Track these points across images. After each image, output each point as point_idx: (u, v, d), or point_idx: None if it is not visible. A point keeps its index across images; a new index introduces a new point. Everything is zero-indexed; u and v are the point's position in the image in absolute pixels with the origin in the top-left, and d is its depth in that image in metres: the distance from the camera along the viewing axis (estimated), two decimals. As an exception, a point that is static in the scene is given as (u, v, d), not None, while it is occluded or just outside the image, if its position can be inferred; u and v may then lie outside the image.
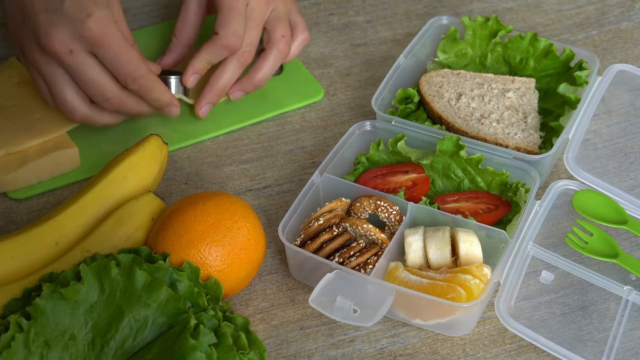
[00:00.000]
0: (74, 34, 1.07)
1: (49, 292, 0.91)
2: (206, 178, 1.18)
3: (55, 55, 1.07)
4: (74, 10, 1.06)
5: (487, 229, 1.04)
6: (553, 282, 1.05)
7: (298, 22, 1.25)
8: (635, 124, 1.21)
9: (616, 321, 0.98)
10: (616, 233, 1.08)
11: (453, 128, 1.17)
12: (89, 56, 1.08)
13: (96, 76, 1.09)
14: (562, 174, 1.17)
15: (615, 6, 1.39)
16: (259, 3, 1.18)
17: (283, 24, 1.22)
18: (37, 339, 0.89)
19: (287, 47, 1.22)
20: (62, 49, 1.07)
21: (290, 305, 1.05)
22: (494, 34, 1.26)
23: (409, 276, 1.01)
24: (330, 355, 1.01)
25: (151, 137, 1.10)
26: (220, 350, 0.90)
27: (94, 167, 1.17)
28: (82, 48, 1.07)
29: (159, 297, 0.91)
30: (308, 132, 1.23)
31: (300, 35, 1.25)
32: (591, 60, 1.22)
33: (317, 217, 1.06)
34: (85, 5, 1.07)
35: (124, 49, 1.09)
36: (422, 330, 1.02)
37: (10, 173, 1.13)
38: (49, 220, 1.04)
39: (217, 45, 1.16)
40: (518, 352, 1.00)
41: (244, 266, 1.01)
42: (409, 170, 1.12)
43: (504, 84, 1.21)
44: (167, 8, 1.40)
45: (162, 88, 1.14)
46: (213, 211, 1.01)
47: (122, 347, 0.91)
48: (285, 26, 1.22)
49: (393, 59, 1.31)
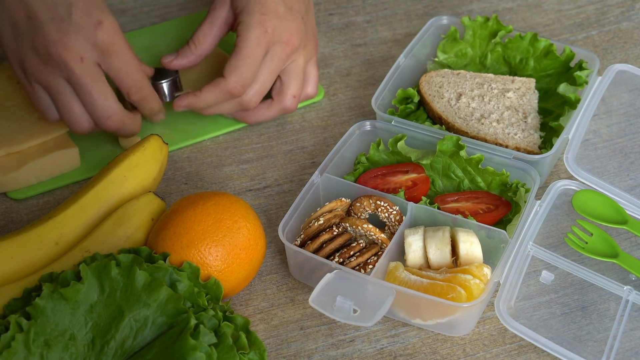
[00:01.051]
0: (86, 42, 1.06)
1: (49, 292, 0.91)
2: (206, 178, 1.18)
3: (65, 63, 1.06)
4: (83, 19, 1.06)
5: (487, 229, 1.04)
6: (553, 282, 1.05)
7: (311, 77, 1.21)
8: (635, 124, 1.21)
9: (616, 321, 0.98)
10: (616, 233, 1.08)
11: (453, 128, 1.17)
12: (97, 67, 1.08)
13: (104, 88, 1.09)
14: (562, 174, 1.17)
15: (615, 6, 1.39)
16: (281, 54, 1.14)
17: (297, 80, 1.18)
18: (37, 339, 0.89)
19: (294, 106, 1.19)
20: (73, 57, 1.06)
21: (290, 305, 1.05)
22: (494, 34, 1.26)
23: (409, 276, 1.01)
24: (330, 355, 1.01)
25: (151, 137, 1.10)
26: (220, 350, 0.90)
27: (94, 167, 1.17)
28: (92, 57, 1.07)
29: (159, 297, 0.91)
30: (308, 132, 1.23)
31: (307, 92, 1.21)
32: (591, 60, 1.22)
33: (317, 217, 1.06)
34: (95, 14, 1.06)
35: (131, 59, 1.09)
36: (422, 330, 1.02)
37: (10, 173, 1.13)
38: (49, 220, 1.04)
39: (221, 89, 1.13)
40: (518, 352, 1.00)
41: (244, 266, 1.01)
42: (409, 170, 1.12)
43: (504, 84, 1.21)
44: (167, 8, 1.40)
45: (156, 98, 1.14)
46: (213, 211, 1.01)
47: (122, 347, 0.91)
48: (299, 83, 1.18)
49: (393, 59, 1.31)
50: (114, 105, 1.10)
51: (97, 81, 1.08)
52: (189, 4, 1.40)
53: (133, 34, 1.34)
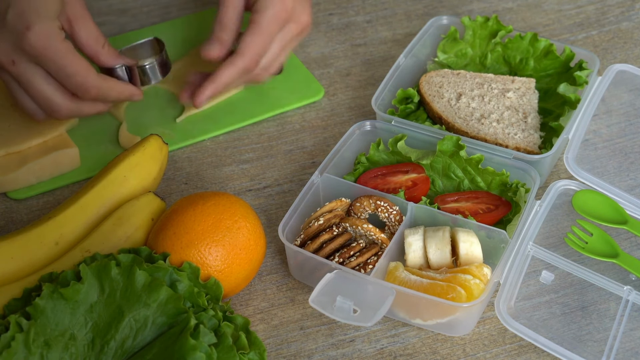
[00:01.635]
0: (15, 46, 1.03)
1: (49, 292, 0.91)
2: (206, 178, 1.18)
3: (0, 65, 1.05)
4: (15, 21, 1.02)
5: (487, 229, 1.04)
6: (553, 282, 1.05)
7: None
8: (635, 124, 1.21)
9: (616, 321, 0.98)
10: (616, 233, 1.08)
11: (453, 128, 1.17)
12: (34, 67, 1.05)
13: (41, 87, 1.06)
14: (562, 174, 1.17)
15: (615, 6, 1.39)
16: (294, 32, 1.16)
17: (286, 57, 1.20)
18: (37, 339, 0.89)
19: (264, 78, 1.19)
20: (4, 60, 1.04)
21: (290, 305, 1.05)
22: (493, 34, 1.26)
23: (409, 276, 1.01)
24: (330, 355, 1.01)
25: (151, 137, 1.10)
26: (220, 350, 0.90)
27: (94, 167, 1.17)
28: (25, 59, 1.04)
29: (159, 297, 0.91)
30: (308, 132, 1.23)
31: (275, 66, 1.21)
32: (591, 60, 1.22)
33: (317, 217, 1.06)
34: (26, 17, 1.02)
35: (69, 62, 1.04)
36: (422, 330, 1.02)
37: (10, 173, 1.13)
38: (49, 220, 1.04)
39: (238, 67, 1.13)
40: (518, 352, 1.00)
41: (244, 266, 1.01)
42: (409, 170, 1.12)
43: (504, 84, 1.21)
44: (167, 8, 1.40)
45: (117, 87, 1.10)
46: (213, 211, 1.01)
47: (122, 347, 0.91)
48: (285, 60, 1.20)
49: (393, 59, 1.31)
50: (57, 100, 1.07)
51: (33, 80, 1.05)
52: (188, 4, 1.40)
53: (133, 34, 1.34)
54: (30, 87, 1.06)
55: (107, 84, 1.09)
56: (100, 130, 1.21)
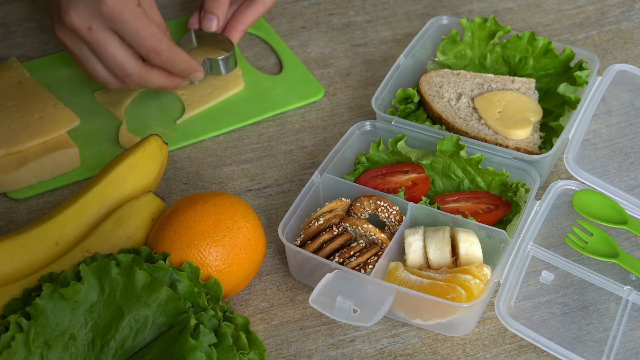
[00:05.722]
0: (92, 11, 1.07)
1: (49, 292, 0.91)
2: (206, 178, 1.18)
3: (75, 32, 1.08)
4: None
5: (487, 229, 1.04)
6: (553, 282, 1.05)
7: None
8: (635, 124, 1.21)
9: (616, 321, 0.98)
10: (616, 233, 1.08)
11: (453, 128, 1.17)
12: (109, 33, 1.09)
13: (115, 52, 1.10)
14: (562, 174, 1.17)
15: (615, 6, 1.39)
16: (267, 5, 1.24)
17: None
18: (37, 339, 0.89)
19: None
20: (80, 26, 1.08)
21: (290, 305, 1.05)
22: (492, 35, 1.26)
23: (409, 276, 1.01)
24: (330, 355, 1.01)
25: (151, 137, 1.10)
26: (220, 350, 0.90)
27: (94, 167, 1.17)
28: (101, 25, 1.08)
29: (159, 297, 0.91)
30: (308, 132, 1.23)
31: None
32: (591, 60, 1.22)
33: (317, 217, 1.06)
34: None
35: (143, 24, 1.09)
36: (422, 330, 1.02)
37: (10, 173, 1.13)
38: (49, 220, 1.04)
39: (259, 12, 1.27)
40: (518, 352, 1.00)
41: (244, 266, 1.01)
42: (409, 170, 1.12)
43: (504, 84, 1.21)
44: (167, 8, 1.40)
45: (184, 57, 1.15)
46: (213, 211, 1.01)
47: (122, 347, 0.91)
48: None
49: (393, 59, 1.31)
50: (130, 65, 1.11)
51: (109, 46, 1.09)
52: (188, 4, 1.40)
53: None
54: (105, 53, 1.10)
55: (177, 49, 1.14)
56: (100, 130, 1.21)
